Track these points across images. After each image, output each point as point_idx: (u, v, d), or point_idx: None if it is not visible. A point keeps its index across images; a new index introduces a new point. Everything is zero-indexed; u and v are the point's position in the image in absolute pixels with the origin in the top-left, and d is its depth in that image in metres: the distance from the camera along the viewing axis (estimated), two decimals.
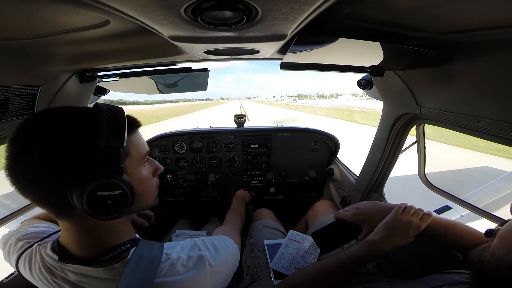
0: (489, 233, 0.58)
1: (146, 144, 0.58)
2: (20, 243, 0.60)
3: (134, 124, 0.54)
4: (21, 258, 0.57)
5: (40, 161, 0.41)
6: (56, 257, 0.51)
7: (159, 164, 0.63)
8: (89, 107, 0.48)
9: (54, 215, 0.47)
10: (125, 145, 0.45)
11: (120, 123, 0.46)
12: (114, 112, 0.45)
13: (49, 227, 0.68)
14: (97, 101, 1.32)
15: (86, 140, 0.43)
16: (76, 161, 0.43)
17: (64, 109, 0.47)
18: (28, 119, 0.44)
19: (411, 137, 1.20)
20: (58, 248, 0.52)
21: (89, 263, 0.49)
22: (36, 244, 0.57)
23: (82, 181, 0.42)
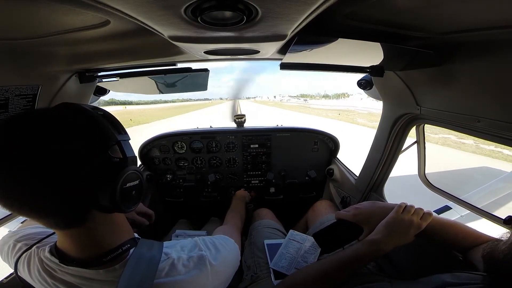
0: (510, 219, 0.55)
1: None
2: (19, 245, 0.59)
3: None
4: (19, 260, 0.56)
5: (59, 165, 0.39)
6: (56, 260, 0.50)
7: None
8: (79, 107, 0.47)
9: (63, 224, 0.45)
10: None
11: (114, 119, 0.48)
12: (102, 110, 0.48)
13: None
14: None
15: (100, 139, 0.44)
16: (97, 160, 0.43)
17: (75, 111, 0.46)
18: (29, 120, 0.40)
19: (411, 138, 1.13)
20: (57, 252, 0.51)
21: (90, 265, 0.48)
22: (35, 247, 0.56)
23: (110, 178, 0.43)
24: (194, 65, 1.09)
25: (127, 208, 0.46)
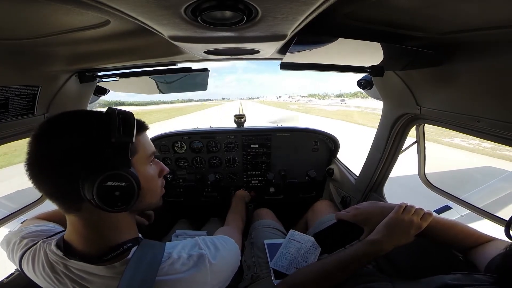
0: None
1: (153, 145, 0.62)
2: (25, 241, 0.61)
3: (141, 126, 0.59)
4: (24, 255, 0.58)
5: (59, 155, 0.46)
6: (61, 253, 0.52)
7: (164, 165, 0.67)
8: (103, 111, 0.53)
9: (63, 209, 0.50)
10: (133, 141, 0.50)
11: (129, 123, 0.50)
12: (125, 114, 0.50)
13: (51, 226, 0.69)
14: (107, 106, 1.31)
15: (100, 136, 0.48)
16: (90, 154, 0.47)
17: (82, 111, 0.55)
18: (51, 118, 0.50)
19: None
20: (64, 245, 0.53)
21: (92, 261, 0.50)
22: (40, 242, 0.58)
23: (94, 172, 0.45)
24: (194, 65, 1.09)
25: (108, 207, 0.46)
